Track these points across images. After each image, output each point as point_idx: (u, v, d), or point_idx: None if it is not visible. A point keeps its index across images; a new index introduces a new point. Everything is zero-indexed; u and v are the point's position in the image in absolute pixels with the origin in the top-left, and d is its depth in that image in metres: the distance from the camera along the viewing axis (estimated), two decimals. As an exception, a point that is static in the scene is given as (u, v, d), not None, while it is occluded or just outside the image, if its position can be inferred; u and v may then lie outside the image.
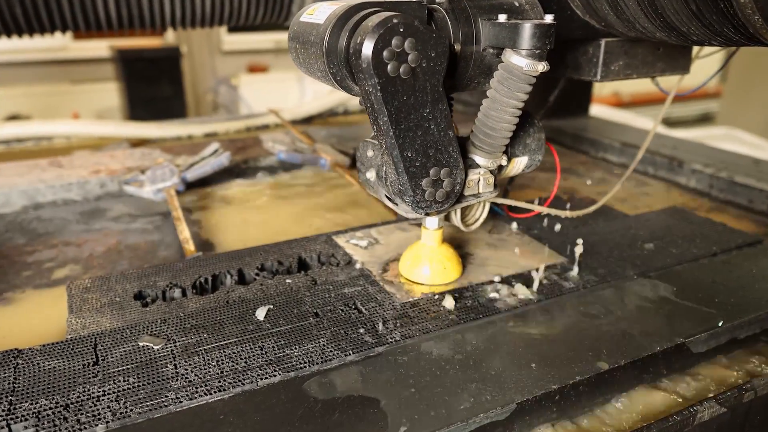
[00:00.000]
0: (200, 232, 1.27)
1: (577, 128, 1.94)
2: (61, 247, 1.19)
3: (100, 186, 1.45)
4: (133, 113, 4.59)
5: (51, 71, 5.36)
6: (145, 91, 4.67)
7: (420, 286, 0.95)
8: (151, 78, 4.67)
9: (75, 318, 0.87)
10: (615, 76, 1.00)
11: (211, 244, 1.21)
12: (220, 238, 1.24)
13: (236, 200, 1.45)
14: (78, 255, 1.16)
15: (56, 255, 1.16)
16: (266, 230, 1.28)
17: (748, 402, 0.81)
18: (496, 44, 0.82)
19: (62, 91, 5.27)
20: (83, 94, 5.28)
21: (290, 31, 0.86)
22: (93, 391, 0.71)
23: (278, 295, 0.92)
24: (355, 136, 1.86)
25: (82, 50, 5.43)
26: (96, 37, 5.30)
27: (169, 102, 4.75)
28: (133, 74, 4.63)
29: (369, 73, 0.72)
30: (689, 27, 0.76)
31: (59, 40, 5.28)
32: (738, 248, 1.12)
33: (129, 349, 0.79)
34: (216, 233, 1.26)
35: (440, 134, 0.80)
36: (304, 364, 0.77)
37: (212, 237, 1.25)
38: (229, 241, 1.23)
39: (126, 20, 1.64)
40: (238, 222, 1.32)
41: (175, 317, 0.86)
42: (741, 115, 5.24)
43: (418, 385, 0.73)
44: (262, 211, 1.39)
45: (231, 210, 1.39)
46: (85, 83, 5.36)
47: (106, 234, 1.25)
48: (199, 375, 0.74)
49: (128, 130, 2.01)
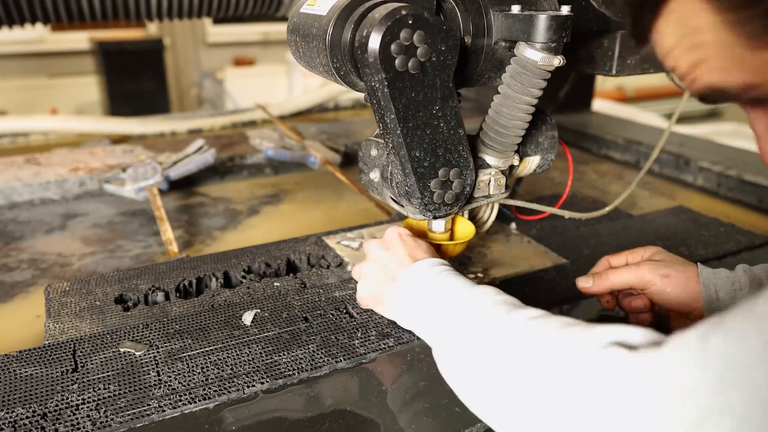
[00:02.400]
0: (184, 232, 1.27)
1: (579, 124, 1.94)
2: (38, 248, 1.19)
3: (79, 185, 1.45)
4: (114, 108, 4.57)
5: (27, 64, 5.34)
6: (127, 86, 4.65)
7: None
8: (132, 72, 4.65)
9: (53, 323, 0.87)
10: (631, 70, 0.98)
11: (195, 245, 1.21)
12: (205, 239, 1.24)
13: (223, 199, 1.45)
14: (56, 257, 1.15)
15: (33, 256, 1.15)
16: (253, 231, 1.28)
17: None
18: (508, 37, 0.81)
19: (39, 86, 5.25)
20: (61, 89, 5.26)
21: (289, 23, 0.86)
22: (72, 399, 0.71)
23: (266, 299, 0.92)
24: (346, 133, 1.85)
25: (60, 42, 5.40)
26: (75, 29, 5.28)
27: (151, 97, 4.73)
28: (114, 68, 4.62)
29: (376, 68, 0.71)
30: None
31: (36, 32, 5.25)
32: (748, 250, 1.12)
33: (110, 355, 0.79)
34: (201, 234, 1.26)
35: (450, 132, 0.79)
36: (293, 371, 0.77)
37: (196, 238, 1.25)
38: (215, 242, 1.22)
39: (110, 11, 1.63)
40: (223, 222, 1.32)
41: (157, 322, 0.86)
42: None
43: (414, 393, 0.74)
44: (248, 210, 1.39)
45: (217, 209, 1.39)
46: (63, 77, 5.34)
47: (86, 235, 1.25)
48: (183, 382, 0.74)
49: (109, 126, 2.01)
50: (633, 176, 1.58)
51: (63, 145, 1.90)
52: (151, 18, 1.72)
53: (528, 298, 0.88)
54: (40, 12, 1.56)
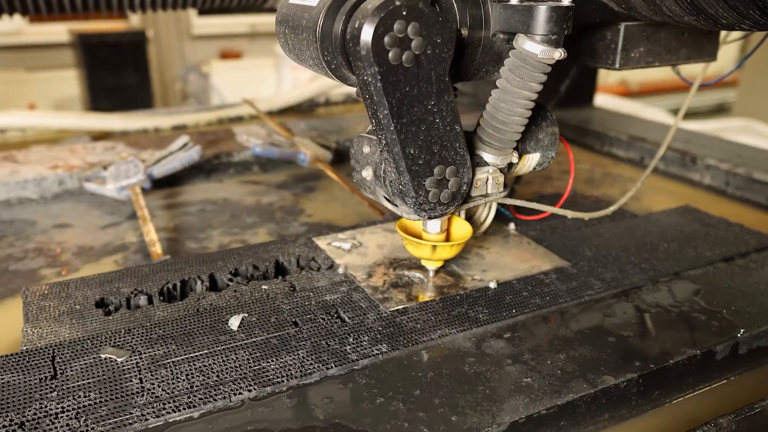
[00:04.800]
0: (168, 233, 1.27)
1: (581, 120, 1.95)
2: (14, 249, 1.19)
3: (58, 183, 1.45)
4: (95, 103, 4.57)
5: (4, 57, 5.33)
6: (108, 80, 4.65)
7: (407, 294, 0.95)
8: (114, 65, 4.65)
9: (31, 328, 0.86)
10: (635, 63, 0.99)
11: (179, 246, 1.21)
12: (190, 240, 1.24)
13: (208, 198, 1.45)
14: (34, 259, 1.15)
15: (9, 258, 1.15)
16: (240, 232, 1.28)
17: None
18: (507, 29, 0.81)
19: (17, 80, 5.24)
20: (40, 83, 5.25)
21: (278, 14, 0.86)
22: (51, 407, 0.71)
23: (253, 303, 0.92)
24: (337, 129, 1.86)
25: (38, 34, 5.40)
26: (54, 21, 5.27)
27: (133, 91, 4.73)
28: (95, 61, 4.62)
29: (368, 62, 0.71)
30: (716, 9, 0.76)
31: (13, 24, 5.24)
32: (757, 251, 1.12)
33: (90, 361, 0.79)
34: (185, 234, 1.26)
35: (446, 129, 0.79)
36: (282, 378, 0.77)
37: (181, 239, 1.25)
38: (200, 244, 1.22)
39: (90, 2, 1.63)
40: (210, 222, 1.32)
41: (140, 327, 0.86)
42: (760, 106, 5.27)
43: (407, 402, 0.74)
44: (235, 211, 1.39)
45: (202, 209, 1.39)
46: (42, 71, 5.33)
47: (65, 236, 1.25)
48: (166, 390, 0.74)
49: (89, 122, 2.01)
50: (637, 174, 1.59)
51: (41, 141, 1.89)
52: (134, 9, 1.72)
53: (527, 302, 0.89)
54: (17, 2, 1.55)
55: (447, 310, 0.91)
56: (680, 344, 0.85)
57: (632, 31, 0.98)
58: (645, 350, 0.84)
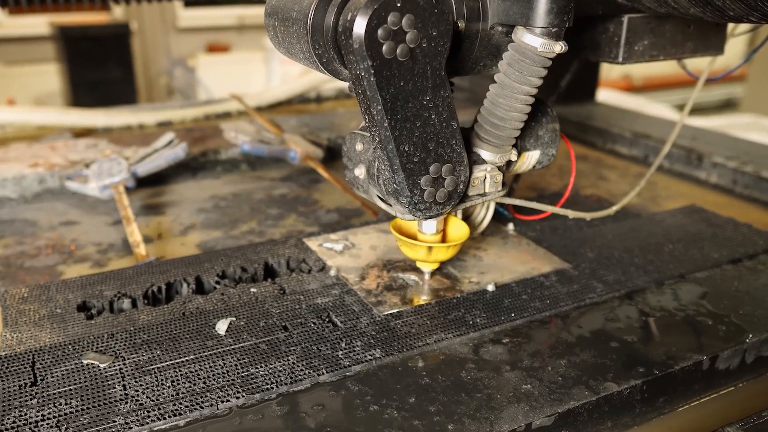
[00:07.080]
0: (152, 234, 1.26)
1: (582, 116, 1.95)
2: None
3: (38, 182, 1.44)
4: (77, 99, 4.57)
5: (-19, 51, 5.32)
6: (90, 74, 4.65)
7: (402, 298, 0.95)
8: (96, 59, 4.65)
9: (10, 332, 0.86)
10: (639, 57, 0.98)
11: (165, 247, 1.21)
12: (175, 241, 1.24)
13: (193, 198, 1.45)
14: (13, 260, 1.15)
15: None
16: (228, 232, 1.28)
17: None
18: (505, 21, 0.81)
19: (-6, 74, 5.24)
20: (19, 77, 5.24)
21: (267, 5, 0.85)
22: (30, 415, 0.71)
23: (241, 306, 0.92)
24: (329, 125, 1.86)
25: (17, 27, 5.39)
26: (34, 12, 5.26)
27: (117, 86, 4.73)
28: (77, 54, 4.61)
29: (361, 55, 0.71)
30: (724, 1, 0.76)
31: (-9, 15, 5.24)
32: (766, 252, 1.13)
33: (72, 367, 0.79)
34: (171, 236, 1.26)
35: (442, 125, 0.79)
36: (271, 384, 0.77)
37: (166, 240, 1.24)
38: (185, 245, 1.22)
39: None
40: (196, 222, 1.32)
41: (124, 331, 0.86)
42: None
43: (402, 410, 0.74)
44: (222, 210, 1.38)
45: (187, 209, 1.39)
46: (21, 65, 5.32)
47: (46, 236, 1.24)
48: (151, 397, 0.74)
49: (71, 118, 2.00)
50: (641, 173, 1.59)
51: (21, 138, 1.89)
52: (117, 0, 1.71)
53: (526, 306, 0.89)
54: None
55: (443, 313, 0.91)
56: (686, 350, 0.85)
57: (636, 24, 0.97)
58: (649, 356, 0.84)
